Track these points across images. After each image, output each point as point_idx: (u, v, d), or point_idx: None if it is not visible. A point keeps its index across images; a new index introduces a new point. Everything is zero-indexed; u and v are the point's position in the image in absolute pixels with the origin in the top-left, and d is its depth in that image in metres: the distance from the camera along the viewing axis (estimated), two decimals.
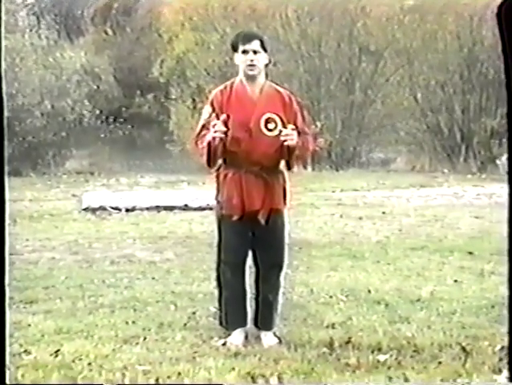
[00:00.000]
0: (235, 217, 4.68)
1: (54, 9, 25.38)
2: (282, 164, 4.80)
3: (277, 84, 4.88)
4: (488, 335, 4.78)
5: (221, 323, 4.90)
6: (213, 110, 4.67)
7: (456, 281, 6.60)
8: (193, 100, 21.72)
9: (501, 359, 4.23)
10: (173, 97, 22.55)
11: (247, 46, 4.63)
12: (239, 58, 4.69)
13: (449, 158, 21.14)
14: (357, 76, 21.29)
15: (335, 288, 6.25)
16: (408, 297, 5.92)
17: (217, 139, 4.55)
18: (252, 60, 4.64)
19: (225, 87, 4.74)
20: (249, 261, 4.85)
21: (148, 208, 11.59)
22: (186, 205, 11.74)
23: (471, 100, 20.72)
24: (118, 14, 28.69)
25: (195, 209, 11.39)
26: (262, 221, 4.67)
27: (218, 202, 4.78)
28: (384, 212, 11.35)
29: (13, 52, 18.42)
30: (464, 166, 20.36)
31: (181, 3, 22.39)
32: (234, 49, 4.71)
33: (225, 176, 4.73)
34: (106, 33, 27.74)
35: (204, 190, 13.21)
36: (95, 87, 21.75)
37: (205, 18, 21.64)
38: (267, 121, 4.65)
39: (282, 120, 4.66)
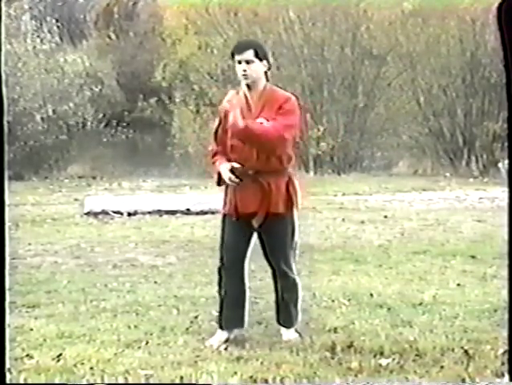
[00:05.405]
0: (233, 218, 4.75)
1: (55, 13, 25.41)
2: (290, 169, 4.79)
3: (281, 88, 4.87)
4: (490, 339, 4.77)
5: (220, 325, 4.90)
6: (220, 121, 4.73)
7: (458, 285, 6.60)
8: (196, 104, 21.74)
9: (503, 363, 4.22)
10: (176, 101, 22.58)
11: (239, 57, 4.66)
12: (236, 68, 4.72)
13: (451, 162, 21.14)
14: (360, 80, 21.31)
15: (337, 292, 6.25)
16: (411, 301, 5.91)
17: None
18: (245, 70, 4.65)
19: (232, 96, 4.75)
20: (252, 265, 4.87)
21: (150, 213, 11.59)
22: (188, 209, 11.74)
23: (473, 104, 20.74)
24: (121, 18, 28.74)
25: (197, 213, 11.40)
26: (255, 224, 4.70)
27: (224, 202, 4.85)
28: (386, 216, 11.35)
29: (15, 56, 18.47)
30: (466, 170, 20.37)
31: (184, 7, 22.42)
32: (233, 58, 4.74)
33: None
34: (109, 37, 27.79)
35: (206, 194, 13.23)
36: (98, 91, 21.78)
37: (208, 23, 21.68)
38: None
39: None
